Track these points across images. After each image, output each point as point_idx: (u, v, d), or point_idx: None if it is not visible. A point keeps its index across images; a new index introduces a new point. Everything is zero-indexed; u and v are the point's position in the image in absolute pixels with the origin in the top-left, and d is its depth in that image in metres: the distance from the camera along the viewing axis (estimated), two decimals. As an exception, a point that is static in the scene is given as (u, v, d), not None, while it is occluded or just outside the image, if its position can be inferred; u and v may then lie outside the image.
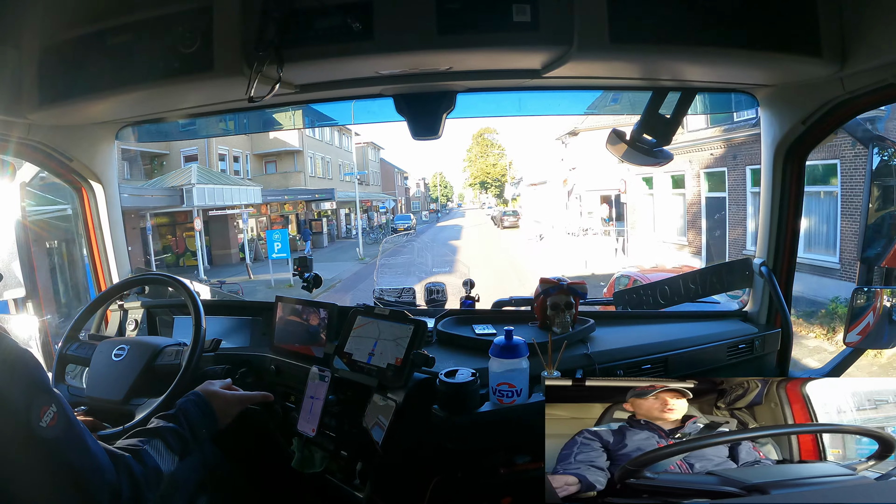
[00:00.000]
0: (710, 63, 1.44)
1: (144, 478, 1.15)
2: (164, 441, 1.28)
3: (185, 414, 1.38)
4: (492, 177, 66.26)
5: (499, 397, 1.43)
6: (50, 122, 1.78)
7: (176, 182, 18.90)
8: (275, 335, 1.91)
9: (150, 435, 1.28)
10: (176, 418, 1.36)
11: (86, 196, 2.19)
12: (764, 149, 1.81)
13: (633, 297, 2.27)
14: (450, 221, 52.02)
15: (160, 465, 1.22)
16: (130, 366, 1.74)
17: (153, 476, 1.19)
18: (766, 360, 1.93)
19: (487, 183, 67.16)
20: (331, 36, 1.33)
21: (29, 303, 2.12)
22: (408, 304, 2.45)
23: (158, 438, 1.27)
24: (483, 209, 69.98)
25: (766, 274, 1.86)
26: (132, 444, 1.22)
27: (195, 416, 1.40)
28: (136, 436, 1.26)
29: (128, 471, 1.12)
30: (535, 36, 1.32)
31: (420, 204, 72.49)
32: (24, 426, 0.97)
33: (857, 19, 1.30)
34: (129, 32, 1.43)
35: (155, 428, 1.30)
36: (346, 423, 1.59)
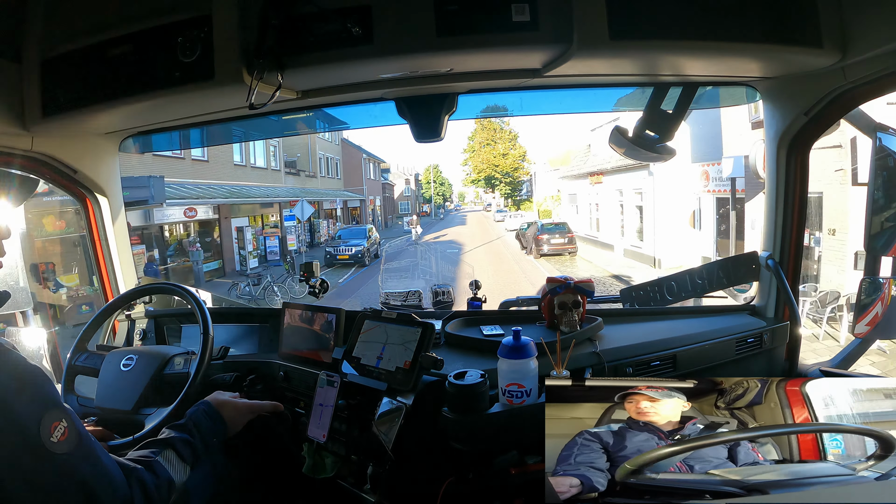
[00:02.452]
0: (710, 57, 1.44)
1: (157, 489, 1.16)
2: (176, 451, 1.29)
3: (196, 423, 1.40)
4: (501, 170, 50.83)
5: (508, 398, 1.43)
6: (53, 135, 1.78)
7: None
8: (282, 341, 1.91)
9: (162, 446, 1.28)
10: (186, 428, 1.37)
11: (91, 207, 2.20)
12: (767, 141, 1.81)
13: (640, 293, 2.26)
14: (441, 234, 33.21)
15: (172, 476, 1.23)
16: (139, 375, 1.75)
17: (165, 487, 1.19)
18: (775, 353, 1.92)
19: (495, 179, 51.57)
20: (331, 41, 1.33)
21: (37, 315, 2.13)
22: (414, 307, 2.45)
23: (170, 449, 1.28)
24: (489, 212, 55.81)
25: (772, 267, 1.86)
26: (144, 456, 1.23)
27: (205, 425, 1.41)
28: (148, 447, 1.27)
29: (140, 483, 1.13)
30: (535, 35, 1.31)
31: (410, 205, 59.65)
32: (34, 442, 0.97)
33: (856, 8, 1.30)
34: (130, 43, 1.44)
35: (166, 438, 1.31)
36: (356, 427, 1.58)
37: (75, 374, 1.88)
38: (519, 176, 51.45)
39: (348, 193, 35.19)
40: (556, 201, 34.10)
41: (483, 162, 50.95)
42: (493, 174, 51.01)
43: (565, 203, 29.47)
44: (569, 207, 28.03)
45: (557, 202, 33.64)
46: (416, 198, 62.83)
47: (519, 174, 51.49)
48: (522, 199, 49.85)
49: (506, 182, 51.43)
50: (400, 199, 59.64)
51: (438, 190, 68.37)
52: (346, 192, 35.01)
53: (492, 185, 52.82)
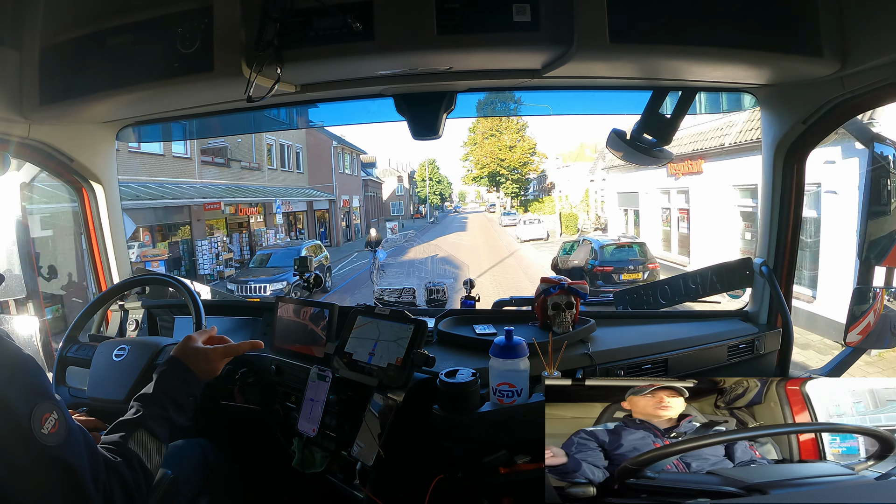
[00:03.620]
0: (710, 62, 1.44)
1: (135, 483, 1.13)
2: (148, 430, 1.23)
3: (165, 390, 1.32)
4: (507, 165, 42.69)
5: (499, 397, 1.43)
6: (50, 123, 1.78)
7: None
8: (275, 335, 1.91)
9: (133, 426, 1.23)
10: (156, 398, 1.30)
11: (86, 196, 2.20)
12: (764, 148, 1.81)
13: (633, 296, 2.27)
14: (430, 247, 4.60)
15: (147, 463, 1.19)
16: (131, 365, 1.74)
17: (143, 480, 1.16)
18: (766, 359, 1.93)
19: (500, 175, 43.65)
20: (331, 36, 1.33)
21: (29, 303, 2.12)
22: (408, 304, 2.45)
23: (141, 429, 1.23)
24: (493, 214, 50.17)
25: (766, 273, 1.86)
26: (116, 444, 1.18)
27: (175, 387, 1.34)
28: (118, 429, 1.22)
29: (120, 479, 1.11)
30: (536, 36, 1.31)
31: (403, 205, 53.60)
32: (25, 433, 0.97)
33: (857, 18, 1.30)
34: (130, 33, 1.43)
35: (136, 418, 1.25)
36: (346, 423, 1.59)
37: (66, 366, 1.87)
38: (527, 172, 44.44)
39: (313, 193, 26.39)
40: (586, 204, 28.26)
41: (487, 155, 43.17)
42: (498, 169, 43.27)
43: (611, 205, 20.44)
44: (616, 213, 19.52)
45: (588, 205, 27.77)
46: (411, 197, 57.45)
47: (528, 170, 44.31)
48: (529, 200, 43.61)
49: (513, 179, 43.97)
50: (392, 199, 53.55)
51: (435, 189, 61.51)
52: (303, 192, 25.63)
53: (496, 183, 45.35)
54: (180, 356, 1.41)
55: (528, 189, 45.88)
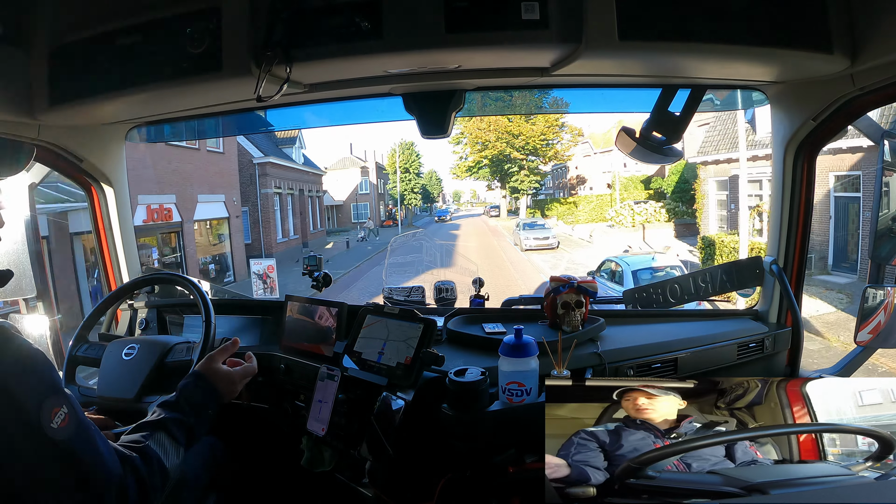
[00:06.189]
0: (719, 60, 1.43)
1: (150, 477, 1.15)
2: (168, 433, 1.26)
3: (188, 398, 1.36)
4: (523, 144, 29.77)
5: (508, 396, 1.43)
6: (60, 123, 1.79)
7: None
8: (284, 334, 1.91)
9: (153, 428, 1.26)
10: (178, 405, 1.34)
11: (96, 196, 2.21)
12: (774, 146, 1.80)
13: (643, 295, 2.26)
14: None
15: (165, 462, 1.21)
16: (141, 364, 1.75)
17: (158, 475, 1.18)
18: (776, 359, 1.92)
19: (511, 162, 31.05)
20: (339, 35, 1.32)
21: (40, 302, 2.13)
22: (417, 303, 2.45)
23: (161, 431, 1.26)
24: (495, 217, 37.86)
25: (776, 272, 1.85)
26: (135, 441, 1.21)
27: (198, 397, 1.38)
28: (140, 429, 1.25)
29: (134, 472, 1.12)
30: (544, 34, 1.30)
31: (371, 208, 39.99)
32: (35, 427, 0.98)
33: (867, 15, 1.29)
34: (139, 33, 1.44)
35: (158, 420, 1.28)
36: (355, 421, 1.59)
37: (76, 365, 1.88)
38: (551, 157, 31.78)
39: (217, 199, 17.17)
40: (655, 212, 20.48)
41: (490, 131, 29.46)
42: (509, 151, 29.97)
43: (711, 204, 15.85)
44: (714, 212, 15.28)
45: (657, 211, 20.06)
46: (381, 197, 42.59)
47: (552, 154, 31.00)
48: (545, 201, 31.55)
49: (530, 168, 30.88)
50: (352, 200, 40.55)
51: (416, 184, 44.58)
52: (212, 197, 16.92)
53: (503, 174, 31.94)
54: (205, 373, 1.45)
55: (542, 185, 35.09)
